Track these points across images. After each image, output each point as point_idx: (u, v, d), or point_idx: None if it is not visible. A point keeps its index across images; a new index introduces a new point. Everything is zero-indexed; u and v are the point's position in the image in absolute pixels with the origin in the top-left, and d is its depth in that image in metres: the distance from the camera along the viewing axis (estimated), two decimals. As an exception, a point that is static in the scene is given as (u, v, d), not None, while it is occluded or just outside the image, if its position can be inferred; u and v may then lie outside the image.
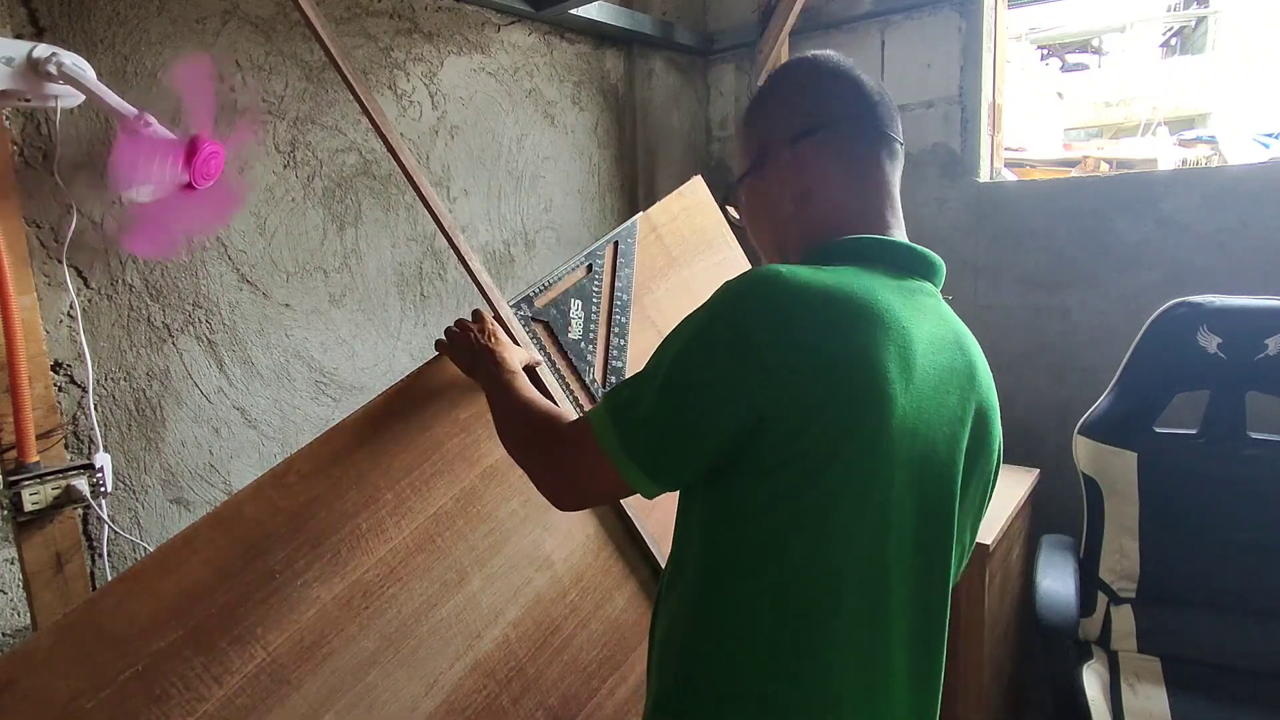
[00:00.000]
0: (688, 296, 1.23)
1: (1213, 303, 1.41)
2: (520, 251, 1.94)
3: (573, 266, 1.12)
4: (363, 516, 0.83)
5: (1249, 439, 1.42)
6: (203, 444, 1.37)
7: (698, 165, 2.48)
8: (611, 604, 1.01)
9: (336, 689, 0.80)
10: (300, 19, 1.42)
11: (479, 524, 0.91)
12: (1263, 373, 1.38)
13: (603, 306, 1.12)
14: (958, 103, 2.00)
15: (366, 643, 0.82)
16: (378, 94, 1.58)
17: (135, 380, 1.27)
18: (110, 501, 1.24)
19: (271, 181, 1.43)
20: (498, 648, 0.89)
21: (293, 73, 1.44)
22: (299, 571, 0.79)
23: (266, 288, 1.43)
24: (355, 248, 1.57)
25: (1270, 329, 1.37)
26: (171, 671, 0.73)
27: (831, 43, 2.19)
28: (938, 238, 2.05)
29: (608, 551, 1.03)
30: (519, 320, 1.05)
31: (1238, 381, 1.41)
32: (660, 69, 2.28)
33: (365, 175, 1.58)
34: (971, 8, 1.94)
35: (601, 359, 1.11)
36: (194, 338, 1.34)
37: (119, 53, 1.21)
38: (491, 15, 1.81)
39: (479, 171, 1.81)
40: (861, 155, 0.73)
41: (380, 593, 0.83)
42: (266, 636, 0.77)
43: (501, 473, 0.94)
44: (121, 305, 1.25)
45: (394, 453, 0.86)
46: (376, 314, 1.63)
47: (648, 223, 1.18)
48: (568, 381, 1.06)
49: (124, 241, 1.22)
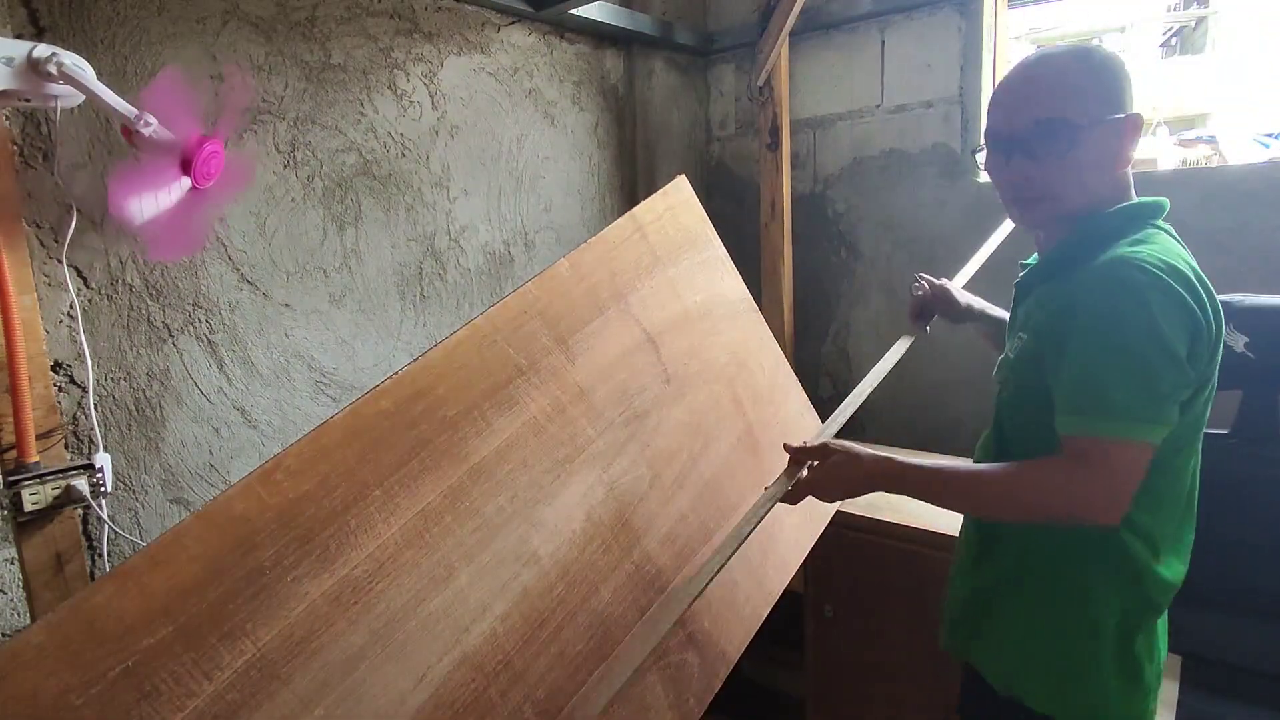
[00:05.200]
0: (672, 295, 1.24)
1: (1241, 301, 1.37)
2: (520, 252, 1.94)
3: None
4: (351, 513, 0.83)
5: (1284, 441, 1.39)
6: (203, 444, 1.38)
7: (698, 165, 2.48)
8: (597, 597, 1.01)
9: (326, 683, 0.81)
10: (301, 19, 1.43)
11: (466, 520, 0.92)
12: (1292, 374, 1.35)
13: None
14: (958, 103, 2.00)
15: (355, 638, 0.82)
16: (378, 94, 1.59)
17: (135, 380, 1.29)
18: (110, 501, 1.25)
19: (271, 181, 1.44)
20: (485, 641, 0.90)
21: (293, 73, 1.45)
22: (288, 568, 0.80)
23: (266, 288, 1.45)
24: (355, 248, 1.58)
25: (1297, 329, 1.34)
26: (161, 667, 0.74)
27: (832, 43, 2.19)
28: (938, 237, 2.04)
29: (594, 546, 1.03)
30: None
31: (1270, 381, 1.38)
32: (660, 69, 2.29)
33: (365, 175, 1.59)
34: (972, 8, 1.93)
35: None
36: (194, 337, 1.36)
37: (119, 53, 1.23)
38: (491, 15, 1.82)
39: (479, 171, 1.82)
40: (1134, 139, 0.90)
41: (369, 588, 0.84)
42: (256, 632, 0.78)
43: (489, 469, 0.95)
44: (121, 305, 1.27)
45: (382, 450, 0.86)
46: (376, 314, 1.64)
47: (633, 222, 1.19)
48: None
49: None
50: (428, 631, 0.87)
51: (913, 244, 2.10)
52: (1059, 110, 0.86)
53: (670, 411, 1.21)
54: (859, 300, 2.25)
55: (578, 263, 1.11)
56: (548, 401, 1.04)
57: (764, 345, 1.45)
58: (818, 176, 2.28)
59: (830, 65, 2.20)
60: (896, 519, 1.63)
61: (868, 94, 2.15)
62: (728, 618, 1.22)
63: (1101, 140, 0.86)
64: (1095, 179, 0.88)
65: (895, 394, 1.28)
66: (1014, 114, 0.90)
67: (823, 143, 2.26)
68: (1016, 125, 0.89)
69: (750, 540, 0.95)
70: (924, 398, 2.11)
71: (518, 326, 1.03)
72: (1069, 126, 0.85)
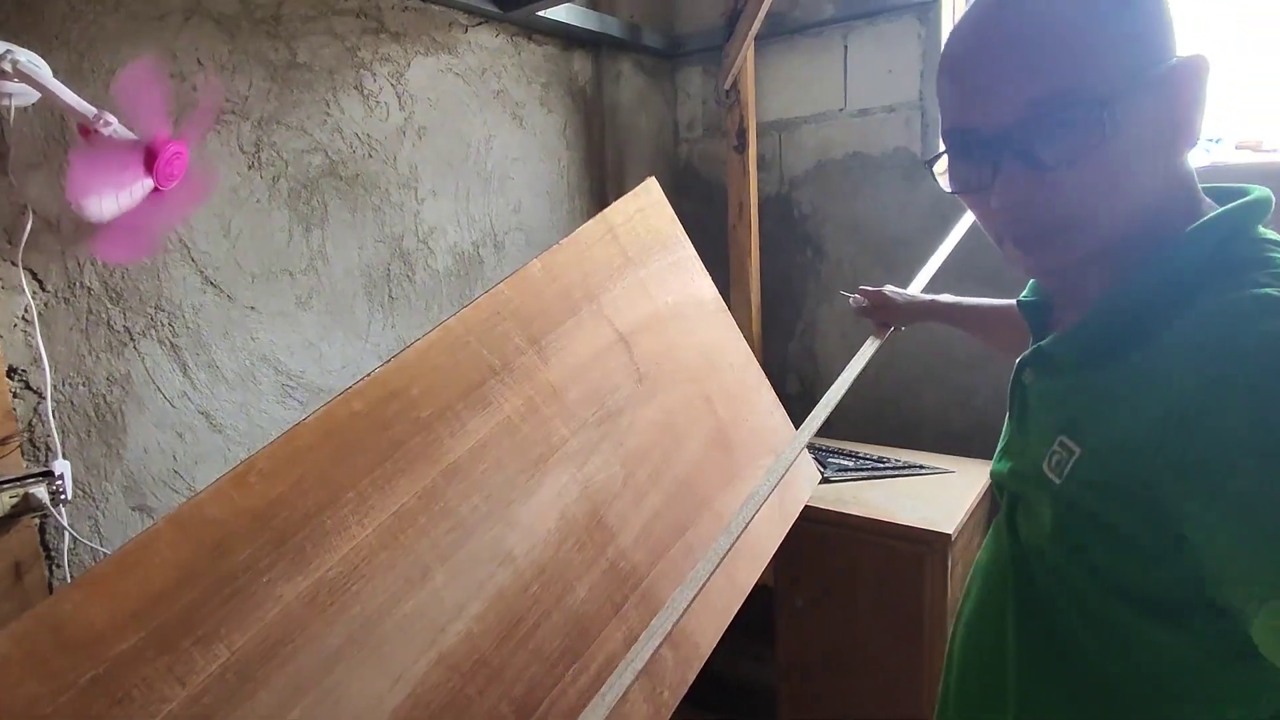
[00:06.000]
0: (644, 295, 1.25)
1: None
2: (489, 253, 1.94)
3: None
4: (326, 515, 0.83)
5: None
6: (166, 449, 1.36)
7: (666, 167, 2.51)
8: (573, 595, 1.03)
9: (302, 686, 0.80)
10: (266, 17, 1.42)
11: (441, 520, 0.92)
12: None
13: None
14: (918, 108, 2.05)
15: (331, 639, 0.82)
16: (344, 94, 1.58)
17: (95, 385, 1.26)
18: (70, 509, 1.22)
19: (236, 182, 1.42)
20: (462, 641, 0.91)
21: (257, 72, 1.43)
22: (262, 570, 0.79)
23: (231, 290, 1.42)
24: (322, 249, 1.57)
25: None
26: (134, 674, 0.73)
27: (796, 47, 2.23)
28: (900, 239, 2.09)
29: (568, 544, 1.04)
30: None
31: None
32: (628, 71, 2.30)
33: (332, 176, 1.57)
34: (930, 15, 1.99)
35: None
36: (156, 341, 1.33)
37: (75, 49, 1.20)
38: (459, 16, 1.81)
39: (447, 172, 1.81)
40: (1198, 95, 0.55)
41: (344, 590, 0.84)
42: (230, 636, 0.77)
43: (463, 470, 0.95)
44: (80, 309, 1.24)
45: (355, 451, 0.86)
46: (344, 316, 1.62)
47: (604, 223, 1.20)
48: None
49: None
50: (404, 632, 0.87)
51: (876, 245, 2.15)
52: (1069, 78, 0.52)
53: (643, 411, 1.23)
54: (825, 300, 2.29)
55: (550, 264, 1.12)
56: (521, 402, 1.05)
57: (734, 344, 1.48)
58: (784, 178, 2.32)
59: (795, 69, 2.24)
60: (864, 512, 1.67)
61: (831, 98, 2.19)
62: (700, 611, 1.24)
63: (1149, 112, 0.52)
64: (1148, 180, 0.54)
65: (860, 390, 1.31)
66: (990, 96, 0.54)
67: (788, 145, 2.30)
68: (999, 115, 0.54)
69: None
70: (889, 393, 2.16)
71: (491, 327, 1.03)
72: (1092, 103, 0.51)
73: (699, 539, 1.27)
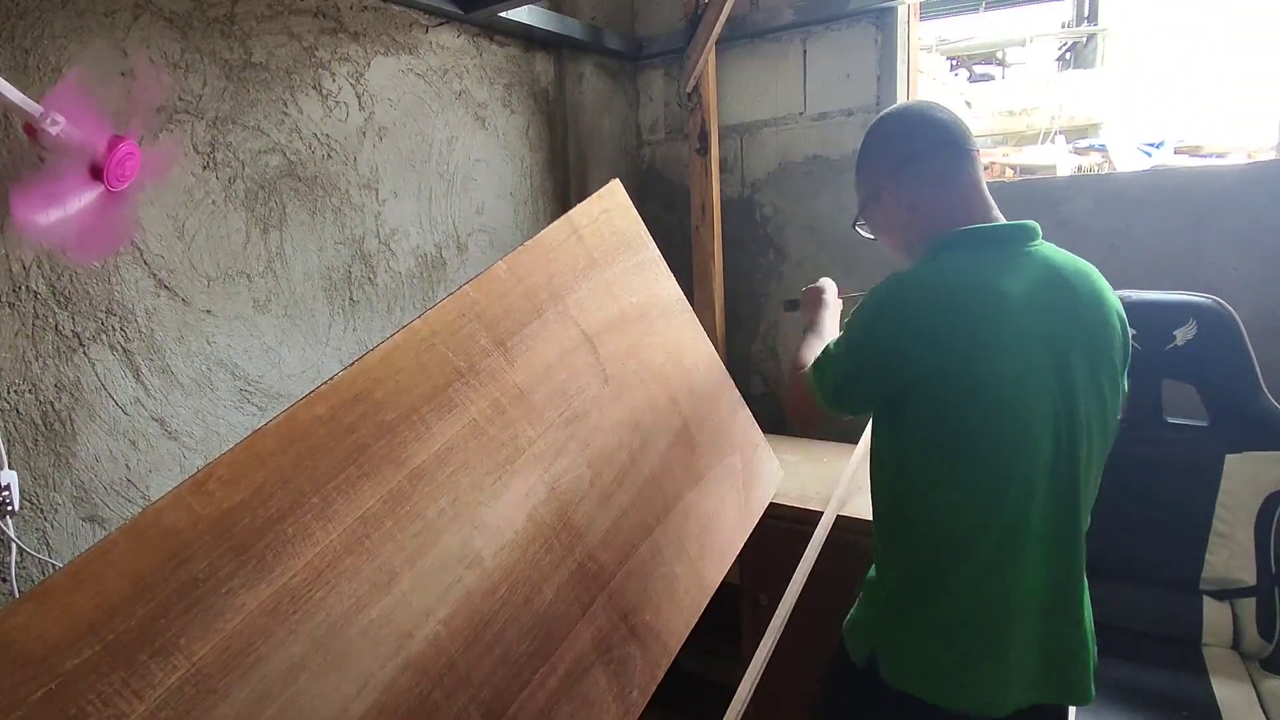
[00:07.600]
0: (609, 296, 1.26)
1: (1128, 297, 1.50)
2: (452, 255, 1.93)
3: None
4: (288, 521, 0.82)
5: (1166, 423, 1.53)
6: (119, 458, 1.32)
7: (629, 169, 2.52)
8: (540, 597, 1.03)
9: (265, 695, 0.79)
10: (220, 15, 1.39)
11: (407, 524, 0.91)
12: (1173, 362, 1.48)
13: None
14: (875, 111, 2.09)
15: (295, 648, 0.81)
16: (302, 94, 1.55)
17: (42, 392, 1.22)
18: (16, 521, 1.18)
19: (190, 183, 1.39)
20: (429, 646, 0.90)
21: (211, 71, 1.40)
22: (223, 579, 0.78)
23: (186, 293, 1.39)
24: (280, 251, 1.54)
25: (1177, 321, 1.48)
26: (88, 689, 0.71)
27: (757, 52, 2.26)
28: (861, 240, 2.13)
29: (536, 546, 1.05)
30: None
31: (1154, 370, 1.51)
32: (590, 73, 2.31)
33: (290, 177, 1.54)
34: (887, 21, 2.03)
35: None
36: (107, 346, 1.29)
37: (19, 46, 1.16)
38: (419, 16, 1.80)
39: (409, 174, 1.80)
40: (949, 171, 0.98)
41: (308, 597, 0.82)
42: (190, 647, 0.76)
43: (429, 473, 0.94)
44: (25, 313, 1.19)
45: (319, 456, 0.85)
46: (303, 320, 1.59)
47: (569, 225, 1.20)
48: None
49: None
50: (370, 638, 0.86)
51: (836, 246, 2.19)
52: (864, 184, 1.13)
53: (609, 411, 1.23)
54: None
55: (515, 265, 1.12)
56: (487, 404, 1.05)
57: (698, 344, 1.49)
58: (745, 181, 2.35)
59: (756, 73, 2.27)
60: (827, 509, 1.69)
61: (791, 101, 2.23)
62: (668, 610, 1.25)
63: (889, 197, 1.06)
64: (904, 226, 1.07)
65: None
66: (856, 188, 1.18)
67: (750, 148, 2.33)
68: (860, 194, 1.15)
69: (688, 533, 0.98)
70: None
71: (456, 329, 1.03)
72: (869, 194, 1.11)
73: (666, 538, 1.28)
